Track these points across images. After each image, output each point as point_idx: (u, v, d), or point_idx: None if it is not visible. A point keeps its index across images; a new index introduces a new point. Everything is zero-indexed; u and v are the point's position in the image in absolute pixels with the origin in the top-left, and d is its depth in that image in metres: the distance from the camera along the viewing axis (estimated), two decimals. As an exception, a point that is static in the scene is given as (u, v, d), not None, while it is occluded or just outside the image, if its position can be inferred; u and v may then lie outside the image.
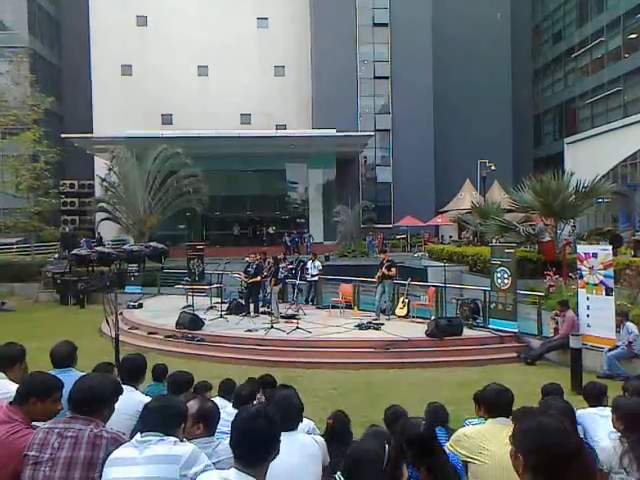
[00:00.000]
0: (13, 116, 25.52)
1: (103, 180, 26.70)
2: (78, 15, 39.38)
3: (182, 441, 2.48)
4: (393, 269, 12.82)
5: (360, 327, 11.77)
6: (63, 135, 31.80)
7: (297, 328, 11.47)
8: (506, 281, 11.40)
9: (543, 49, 42.25)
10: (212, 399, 3.50)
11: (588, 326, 9.88)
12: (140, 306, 15.60)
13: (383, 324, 12.04)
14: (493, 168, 30.33)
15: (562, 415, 2.62)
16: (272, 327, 11.60)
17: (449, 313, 12.29)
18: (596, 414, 3.97)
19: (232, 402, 4.17)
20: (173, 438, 2.42)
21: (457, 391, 7.81)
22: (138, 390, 3.82)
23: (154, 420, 2.45)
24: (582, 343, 9.14)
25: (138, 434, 2.46)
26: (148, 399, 3.14)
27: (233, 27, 39.07)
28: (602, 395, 4.28)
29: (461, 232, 30.61)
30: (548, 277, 13.10)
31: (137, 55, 39.02)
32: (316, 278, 15.27)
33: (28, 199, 26.65)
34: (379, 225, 35.65)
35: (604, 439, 3.51)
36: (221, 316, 13.03)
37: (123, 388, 3.36)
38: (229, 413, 3.52)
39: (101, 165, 29.99)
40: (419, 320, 12.47)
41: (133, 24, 39.64)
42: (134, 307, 15.36)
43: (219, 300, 14.86)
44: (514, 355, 10.45)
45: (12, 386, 2.97)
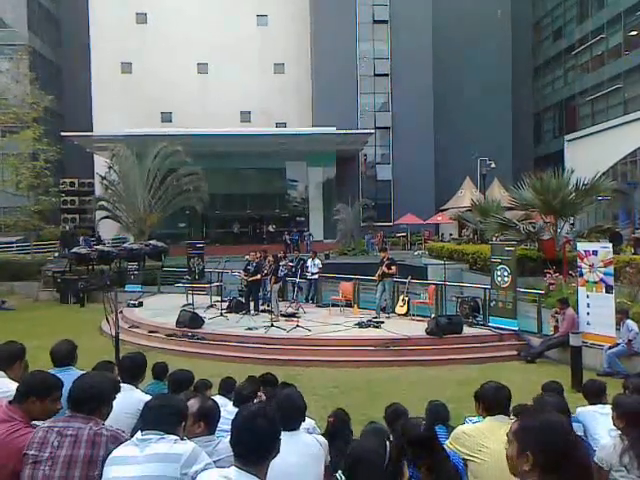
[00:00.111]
0: (13, 114, 25.50)
1: (103, 178, 26.63)
2: (78, 13, 39.39)
3: (182, 439, 2.48)
4: (393, 267, 12.80)
5: (360, 325, 11.77)
6: (63, 133, 31.78)
7: (297, 326, 11.48)
8: (506, 279, 11.38)
9: (543, 46, 42.11)
10: (212, 397, 3.50)
11: (588, 324, 9.88)
12: (140, 305, 15.59)
13: (383, 322, 12.04)
14: (493, 166, 30.27)
15: (558, 411, 2.63)
16: (272, 325, 11.60)
17: (449, 311, 12.28)
18: (596, 412, 3.98)
19: (232, 400, 4.17)
20: (173, 436, 2.41)
21: (457, 389, 7.81)
22: (138, 389, 3.82)
23: (154, 418, 2.45)
24: (582, 341, 9.13)
25: (139, 432, 2.45)
26: (148, 397, 3.14)
27: (233, 25, 39.02)
28: (602, 393, 4.28)
29: (461, 230, 30.59)
30: (548, 275, 13.12)
31: (137, 53, 38.96)
32: (316, 276, 15.25)
33: (28, 198, 26.67)
34: (379, 223, 35.60)
35: (604, 437, 3.52)
36: (221, 314, 13.01)
37: (121, 386, 3.36)
38: (229, 411, 3.52)
39: (101, 163, 29.93)
40: (419, 318, 12.46)
41: (133, 22, 39.60)
42: (134, 306, 15.35)
43: (219, 298, 14.85)
44: (514, 353, 10.44)
45: (12, 385, 2.96)
